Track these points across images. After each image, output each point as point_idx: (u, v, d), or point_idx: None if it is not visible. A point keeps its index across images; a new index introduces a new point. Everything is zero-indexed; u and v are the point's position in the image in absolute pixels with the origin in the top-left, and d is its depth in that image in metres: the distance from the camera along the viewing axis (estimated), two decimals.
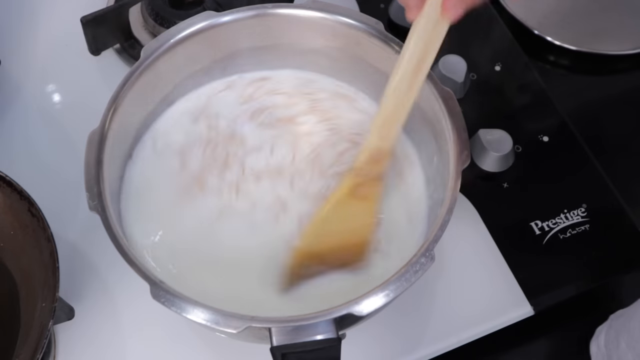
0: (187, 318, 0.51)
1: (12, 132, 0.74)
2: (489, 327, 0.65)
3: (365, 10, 0.67)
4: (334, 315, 0.50)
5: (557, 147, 0.73)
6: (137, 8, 0.77)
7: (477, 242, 0.68)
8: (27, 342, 0.54)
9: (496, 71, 0.77)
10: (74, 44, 0.77)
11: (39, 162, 0.72)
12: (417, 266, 0.52)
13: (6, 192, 0.59)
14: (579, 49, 0.81)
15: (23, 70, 0.78)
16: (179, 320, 0.53)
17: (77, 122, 0.70)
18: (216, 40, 0.64)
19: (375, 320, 0.59)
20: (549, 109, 0.75)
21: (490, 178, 0.71)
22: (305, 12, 0.63)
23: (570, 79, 0.82)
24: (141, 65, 0.61)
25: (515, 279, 0.67)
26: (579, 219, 0.69)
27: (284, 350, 0.50)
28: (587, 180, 0.71)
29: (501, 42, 0.80)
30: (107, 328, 0.65)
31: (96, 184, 0.56)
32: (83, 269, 0.67)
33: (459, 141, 0.57)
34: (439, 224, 0.54)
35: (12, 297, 0.58)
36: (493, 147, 0.70)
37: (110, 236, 0.54)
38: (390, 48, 0.62)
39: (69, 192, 0.68)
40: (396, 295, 0.52)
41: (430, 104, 0.60)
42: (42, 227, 0.57)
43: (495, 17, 0.81)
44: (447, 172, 0.57)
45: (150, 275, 0.52)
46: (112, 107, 0.59)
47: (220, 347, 0.64)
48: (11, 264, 0.59)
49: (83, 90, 0.76)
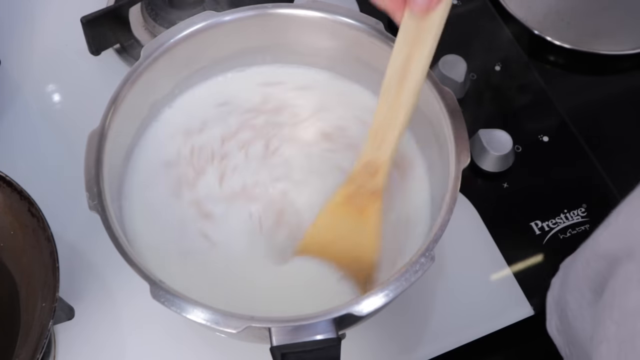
0: (186, 318, 0.51)
1: (12, 132, 0.74)
2: (489, 327, 0.65)
3: (365, 10, 0.67)
4: (334, 315, 0.50)
5: (557, 147, 0.73)
6: (137, 8, 0.77)
7: (477, 242, 0.68)
8: (27, 342, 0.54)
9: (496, 71, 0.77)
10: (74, 44, 0.77)
11: (39, 162, 0.72)
12: (417, 266, 0.52)
13: (6, 192, 0.59)
14: (579, 49, 0.81)
15: (23, 70, 0.78)
16: (178, 320, 0.53)
17: (77, 122, 0.70)
18: (216, 40, 0.64)
19: (375, 320, 0.59)
20: (549, 109, 0.75)
21: (490, 178, 0.71)
22: (305, 12, 0.63)
23: (571, 79, 0.82)
24: (141, 65, 0.61)
25: (515, 279, 0.67)
26: (579, 219, 0.69)
27: (284, 350, 0.50)
28: (587, 180, 0.71)
29: (501, 42, 0.80)
30: (107, 328, 0.65)
31: (96, 184, 0.56)
32: (83, 269, 0.67)
33: (459, 141, 0.57)
34: (439, 224, 0.54)
35: (12, 297, 0.58)
36: (493, 147, 0.70)
37: (110, 236, 0.54)
38: (390, 48, 0.61)
39: (69, 192, 0.68)
40: (396, 295, 0.52)
41: (430, 104, 0.60)
42: (42, 227, 0.57)
43: (495, 17, 0.81)
44: (447, 172, 0.57)
45: (150, 275, 0.52)
46: (112, 107, 0.59)
47: (220, 347, 0.64)
48: (11, 264, 0.59)
49: (83, 90, 0.76)
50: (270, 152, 0.65)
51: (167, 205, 0.62)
